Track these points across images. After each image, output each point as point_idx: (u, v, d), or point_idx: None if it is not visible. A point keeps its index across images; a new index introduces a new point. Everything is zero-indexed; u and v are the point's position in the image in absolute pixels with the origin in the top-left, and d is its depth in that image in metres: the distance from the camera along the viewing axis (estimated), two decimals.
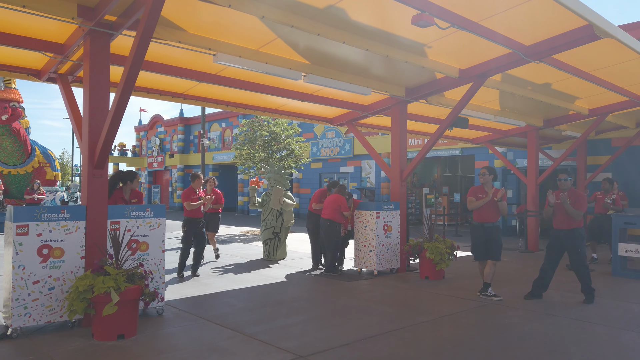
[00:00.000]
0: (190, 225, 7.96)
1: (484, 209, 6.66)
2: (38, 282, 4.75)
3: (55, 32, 5.52)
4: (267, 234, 10.08)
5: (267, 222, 10.09)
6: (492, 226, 6.67)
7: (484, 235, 6.66)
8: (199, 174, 8.14)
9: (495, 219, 6.69)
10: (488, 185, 6.77)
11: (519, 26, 5.94)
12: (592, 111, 10.37)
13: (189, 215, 7.92)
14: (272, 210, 10.06)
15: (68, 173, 47.50)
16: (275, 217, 10.08)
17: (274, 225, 10.03)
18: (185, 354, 4.30)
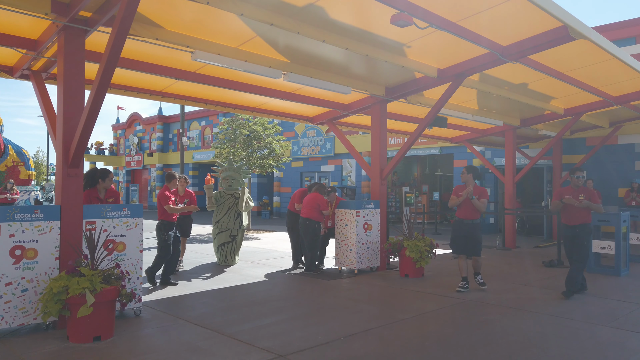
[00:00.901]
0: (168, 229, 7.21)
1: (462, 206, 7.00)
2: (10, 283, 4.63)
3: (28, 27, 5.38)
4: (222, 237, 9.13)
5: (222, 224, 9.13)
6: (471, 223, 6.99)
7: (462, 230, 7.01)
8: (175, 174, 7.63)
9: (474, 216, 7.00)
10: (469, 184, 7.03)
11: (496, 27, 6.03)
12: (567, 111, 10.59)
13: (165, 219, 7.18)
14: (229, 211, 9.17)
15: (43, 172, 46.47)
16: (232, 218, 9.18)
17: (231, 227, 9.14)
18: (163, 355, 4.25)
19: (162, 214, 7.17)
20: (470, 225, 6.98)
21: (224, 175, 9.51)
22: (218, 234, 9.20)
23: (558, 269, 8.93)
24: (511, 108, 10.63)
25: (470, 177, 7.06)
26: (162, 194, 7.21)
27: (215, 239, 9.25)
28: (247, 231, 15.21)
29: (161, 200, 7.18)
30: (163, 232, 7.11)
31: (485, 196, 7.00)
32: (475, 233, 6.97)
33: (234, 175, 9.52)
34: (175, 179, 7.58)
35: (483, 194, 6.99)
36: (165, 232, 7.11)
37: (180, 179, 8.15)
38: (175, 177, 7.60)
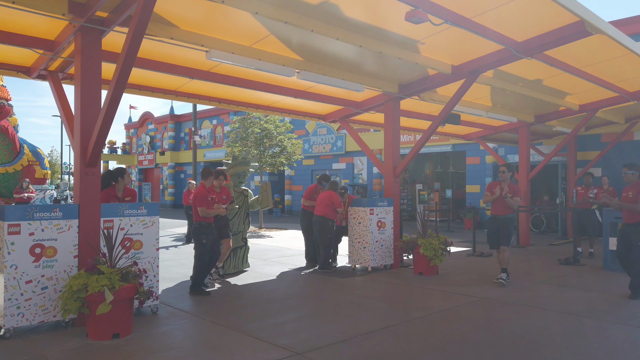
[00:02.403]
0: (207, 232, 6.56)
1: (496, 202, 7.23)
2: (31, 281, 4.70)
3: (46, 28, 5.44)
4: (235, 242, 8.06)
5: (233, 227, 8.01)
6: (503, 218, 7.20)
7: (496, 226, 7.24)
8: (211, 170, 6.92)
9: (505, 212, 7.20)
10: (506, 182, 7.25)
11: (511, 22, 5.97)
12: (582, 107, 10.47)
13: (203, 220, 6.52)
14: (239, 212, 8.25)
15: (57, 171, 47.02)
16: (242, 219, 8.30)
17: (242, 230, 8.28)
18: (181, 352, 4.28)
19: (198, 216, 6.52)
20: (502, 220, 7.21)
21: (234, 172, 8.55)
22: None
23: (574, 266, 8.84)
24: (525, 104, 10.54)
25: (509, 176, 7.30)
26: (198, 194, 6.53)
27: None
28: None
29: (196, 200, 6.50)
30: (202, 236, 6.51)
31: (519, 194, 7.19)
32: (507, 227, 7.19)
33: (245, 169, 8.62)
34: (212, 176, 6.90)
35: (517, 192, 7.17)
36: (204, 236, 6.51)
37: (219, 175, 7.16)
38: (212, 174, 6.90)
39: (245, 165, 8.59)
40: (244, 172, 8.55)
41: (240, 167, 8.53)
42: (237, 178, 8.49)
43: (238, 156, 9.03)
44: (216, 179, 6.94)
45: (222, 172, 7.11)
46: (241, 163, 8.59)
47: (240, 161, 8.61)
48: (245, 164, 8.61)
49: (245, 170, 8.59)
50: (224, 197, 7.02)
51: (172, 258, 9.93)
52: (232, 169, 8.48)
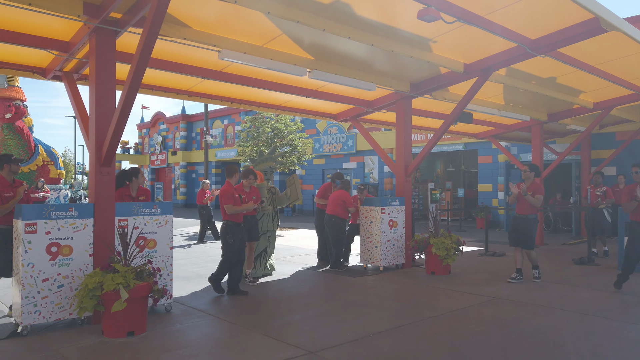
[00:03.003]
0: (234, 231, 6.36)
1: (518, 201, 7.33)
2: (47, 279, 4.76)
3: (61, 29, 5.51)
4: (262, 243, 7.74)
5: (261, 226, 7.71)
6: (524, 217, 7.28)
7: (516, 224, 7.39)
8: (237, 167, 6.67)
9: (527, 211, 7.26)
10: (529, 181, 7.31)
11: (524, 20, 5.92)
12: (596, 105, 10.35)
13: (230, 219, 6.35)
14: (268, 211, 7.93)
15: (71, 171, 47.57)
16: (271, 217, 7.91)
17: (270, 229, 7.91)
18: (195, 350, 4.32)
19: (226, 214, 6.38)
20: (523, 220, 7.27)
21: (260, 168, 8.04)
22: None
23: (589, 266, 8.74)
24: (538, 102, 10.45)
25: (532, 175, 7.33)
26: (224, 191, 6.37)
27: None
28: None
29: (223, 198, 6.33)
30: (228, 235, 6.35)
31: (540, 192, 7.18)
32: (527, 228, 7.23)
33: (272, 165, 8.20)
34: (237, 173, 6.63)
35: (538, 190, 7.17)
36: (231, 235, 6.34)
37: (248, 175, 6.85)
38: (237, 171, 6.63)
39: (272, 161, 8.24)
40: (272, 168, 8.18)
41: (267, 163, 8.16)
42: (265, 175, 8.05)
43: (264, 152, 8.64)
44: (245, 178, 6.75)
45: (251, 171, 6.91)
46: (268, 159, 8.22)
47: (267, 157, 8.24)
48: (271, 159, 8.27)
49: (273, 166, 8.23)
50: (254, 198, 6.81)
51: (185, 257, 10.01)
52: (258, 165, 8.08)
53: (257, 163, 8.08)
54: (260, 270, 7.68)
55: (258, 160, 8.14)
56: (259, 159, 8.17)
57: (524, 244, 7.27)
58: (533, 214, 7.31)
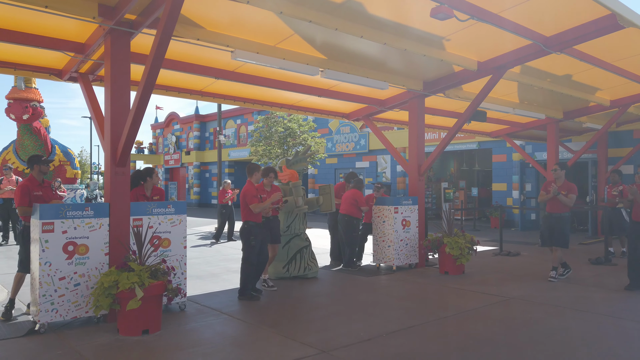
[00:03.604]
0: (256, 233, 6.19)
1: (550, 200, 7.37)
2: (64, 278, 4.83)
3: (76, 31, 5.59)
4: (297, 243, 7.56)
5: (294, 228, 7.61)
6: (558, 216, 7.32)
7: (549, 223, 7.41)
8: (258, 166, 6.46)
9: (561, 210, 7.32)
10: (560, 180, 7.41)
11: (539, 17, 5.86)
12: (613, 102, 10.19)
13: (251, 219, 6.17)
14: (299, 213, 7.65)
15: (87, 171, 48.19)
16: (301, 219, 7.71)
17: (303, 231, 7.76)
18: (209, 348, 4.35)
19: (247, 215, 6.17)
20: (557, 218, 7.31)
21: (297, 168, 7.71)
22: (290, 241, 7.57)
23: (605, 266, 8.62)
24: (554, 100, 10.32)
25: (562, 174, 7.41)
26: (246, 191, 6.17)
27: (286, 247, 7.53)
28: None
29: (245, 198, 6.12)
30: (251, 237, 6.16)
31: (574, 192, 7.28)
32: (561, 226, 7.28)
33: (305, 166, 7.96)
34: (259, 172, 6.42)
35: (572, 189, 7.27)
36: (252, 237, 6.15)
37: (270, 173, 6.67)
38: (257, 169, 6.42)
39: (305, 162, 7.96)
40: (304, 169, 7.92)
41: (301, 163, 7.82)
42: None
43: (299, 151, 8.35)
44: (266, 177, 6.57)
45: (272, 168, 6.76)
46: (302, 159, 7.88)
47: (301, 157, 7.91)
48: (304, 160, 7.95)
49: (306, 166, 8.00)
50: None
51: (198, 256, 10.08)
52: (293, 165, 7.71)
53: (292, 163, 7.75)
54: (295, 272, 7.49)
55: (293, 160, 7.80)
56: (293, 159, 7.84)
57: (558, 242, 7.28)
58: (566, 212, 7.37)
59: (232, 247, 11.45)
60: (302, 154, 8.02)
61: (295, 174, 7.51)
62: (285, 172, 7.54)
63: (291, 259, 7.52)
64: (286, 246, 7.52)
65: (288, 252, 7.53)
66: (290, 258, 7.52)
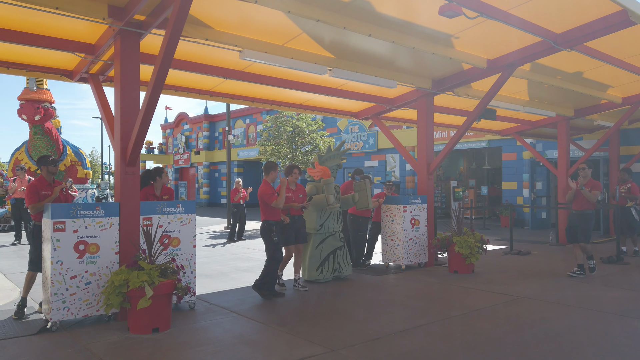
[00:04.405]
0: (278, 231, 6.17)
1: (576, 197, 7.59)
2: (75, 277, 4.88)
3: (86, 32, 5.64)
4: (332, 243, 7.29)
5: (329, 227, 7.27)
6: (581, 213, 7.55)
7: (574, 220, 7.61)
8: (275, 164, 6.40)
9: (584, 207, 7.53)
10: (586, 178, 7.61)
11: (549, 14, 5.81)
12: (625, 100, 10.08)
13: (270, 218, 6.15)
14: (333, 211, 7.36)
15: (98, 171, 48.64)
16: (336, 218, 7.40)
17: (338, 230, 7.45)
18: (218, 347, 4.37)
19: (265, 214, 6.17)
20: (580, 215, 7.53)
21: (329, 165, 7.39)
22: (323, 241, 7.27)
23: (618, 265, 8.53)
24: (564, 98, 10.22)
25: (589, 172, 7.62)
26: (263, 192, 6.15)
27: (319, 248, 7.21)
28: None
29: (263, 198, 6.12)
30: (270, 234, 6.15)
31: (598, 189, 7.47)
32: (584, 222, 7.48)
33: (339, 162, 7.59)
34: (275, 171, 6.32)
35: (596, 186, 7.47)
36: (274, 233, 6.13)
37: (294, 170, 6.64)
38: (274, 168, 6.31)
39: (339, 158, 7.57)
40: (338, 165, 7.56)
41: (334, 159, 7.50)
42: (332, 172, 7.43)
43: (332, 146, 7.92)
44: (290, 175, 6.51)
45: (295, 165, 6.70)
46: (335, 155, 7.53)
47: (334, 153, 7.55)
48: (338, 156, 7.58)
49: (339, 163, 7.59)
50: (300, 196, 6.64)
51: (208, 255, 10.13)
52: (325, 162, 7.39)
53: (325, 159, 7.42)
54: (328, 274, 7.23)
55: (325, 156, 7.46)
56: (325, 155, 7.49)
57: (580, 237, 7.43)
58: (590, 210, 7.54)
59: (242, 247, 11.50)
60: (335, 149, 7.65)
61: (327, 170, 7.21)
62: (317, 169, 7.23)
63: (324, 260, 7.23)
64: (320, 246, 7.22)
65: (321, 253, 7.22)
66: (323, 259, 7.22)
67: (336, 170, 7.52)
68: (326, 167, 7.29)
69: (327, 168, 7.25)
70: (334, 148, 7.70)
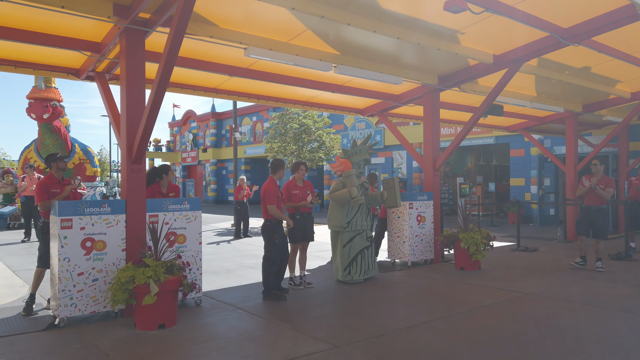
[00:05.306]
0: (276, 230, 6.01)
1: (589, 194, 7.75)
2: (82, 273, 4.93)
3: (92, 31, 5.67)
4: (359, 243, 6.98)
5: (356, 225, 6.97)
6: (597, 209, 7.72)
7: (589, 216, 7.76)
8: (283, 162, 6.26)
9: (599, 203, 7.70)
10: (599, 175, 7.76)
11: (556, 8, 5.76)
12: (634, 95, 9.98)
13: (272, 217, 6.00)
14: (362, 207, 7.06)
15: (106, 169, 48.97)
16: (365, 215, 7.09)
17: (366, 228, 7.13)
18: (224, 343, 4.40)
19: (267, 212, 6.01)
20: (596, 211, 7.69)
21: (354, 160, 7.09)
22: (352, 240, 6.97)
23: (625, 261, 8.46)
24: (572, 93, 10.13)
25: (602, 169, 7.79)
26: (266, 190, 6.00)
27: (347, 247, 6.94)
28: None
29: (265, 196, 5.97)
30: (272, 234, 6.00)
31: (612, 186, 7.63)
32: (601, 218, 7.67)
33: (367, 157, 7.24)
34: (283, 169, 6.18)
35: (609, 184, 7.63)
36: (276, 235, 5.98)
37: (300, 166, 6.51)
38: (281, 167, 6.15)
39: (365, 153, 7.22)
40: (365, 160, 7.22)
41: (360, 154, 7.16)
42: (358, 168, 7.12)
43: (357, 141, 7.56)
44: (296, 171, 6.40)
45: (302, 162, 6.62)
46: (362, 150, 7.19)
47: (360, 148, 7.21)
48: (365, 151, 7.23)
49: (367, 158, 7.23)
50: (308, 192, 6.53)
51: (215, 252, 10.18)
52: (352, 157, 7.11)
53: (350, 154, 7.13)
54: (357, 275, 6.94)
55: (351, 151, 7.17)
56: (351, 149, 7.19)
57: (599, 234, 7.61)
58: (605, 205, 7.73)
59: (248, 244, 11.54)
60: (362, 143, 7.30)
61: (347, 162, 6.87)
62: (337, 162, 6.93)
63: (352, 261, 6.90)
64: (347, 245, 6.92)
65: (349, 253, 6.92)
66: (351, 259, 6.91)
67: (364, 166, 7.23)
68: (347, 159, 7.01)
69: (347, 160, 6.93)
70: (360, 142, 7.37)
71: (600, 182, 7.67)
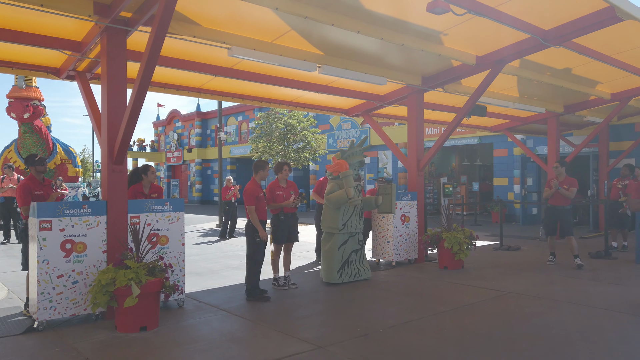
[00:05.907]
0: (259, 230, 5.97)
1: (554, 194, 8.02)
2: (62, 276, 4.85)
3: (73, 30, 5.58)
4: (351, 245, 6.98)
5: (351, 227, 6.93)
6: (562, 209, 8.04)
7: (554, 216, 8.11)
8: (265, 162, 6.23)
9: (564, 203, 8.01)
10: (561, 176, 8.06)
11: (537, 10, 5.83)
12: (614, 96, 10.15)
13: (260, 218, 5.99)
14: (356, 209, 6.99)
15: (89, 169, 48.31)
16: (358, 218, 7.05)
17: (359, 231, 7.12)
18: (206, 345, 4.36)
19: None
20: (561, 211, 8.01)
21: (350, 162, 7.05)
22: (345, 243, 6.94)
23: (606, 260, 8.60)
24: (554, 94, 10.27)
25: (563, 170, 8.06)
26: (246, 190, 5.96)
27: (342, 249, 6.88)
28: None
29: (245, 198, 5.93)
30: (254, 233, 5.96)
31: (575, 186, 7.93)
32: (566, 217, 8.02)
33: (362, 159, 7.22)
34: (264, 170, 6.12)
35: (572, 184, 7.93)
36: (257, 234, 5.92)
37: (283, 166, 6.45)
38: (263, 167, 6.11)
39: (360, 155, 7.21)
40: (361, 162, 7.19)
41: (356, 156, 7.14)
42: (352, 169, 7.04)
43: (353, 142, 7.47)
44: (279, 172, 6.39)
45: (285, 162, 6.57)
46: (357, 152, 7.17)
47: (356, 150, 7.19)
48: (360, 153, 7.22)
49: (362, 160, 7.23)
50: (292, 193, 6.49)
51: (199, 253, 10.10)
52: (348, 158, 7.07)
53: (347, 156, 7.09)
54: (347, 277, 6.92)
55: (347, 153, 7.13)
56: (348, 151, 7.15)
57: (566, 232, 7.97)
58: (568, 205, 8.03)
59: (233, 244, 11.48)
60: (358, 145, 7.29)
61: (344, 163, 6.85)
62: (333, 163, 6.94)
63: (344, 263, 6.92)
64: (342, 247, 6.88)
65: (343, 255, 6.89)
66: (344, 262, 6.91)
67: (359, 168, 7.22)
68: (343, 160, 6.99)
69: (344, 161, 6.91)
70: (357, 144, 7.33)
71: (563, 182, 7.96)
